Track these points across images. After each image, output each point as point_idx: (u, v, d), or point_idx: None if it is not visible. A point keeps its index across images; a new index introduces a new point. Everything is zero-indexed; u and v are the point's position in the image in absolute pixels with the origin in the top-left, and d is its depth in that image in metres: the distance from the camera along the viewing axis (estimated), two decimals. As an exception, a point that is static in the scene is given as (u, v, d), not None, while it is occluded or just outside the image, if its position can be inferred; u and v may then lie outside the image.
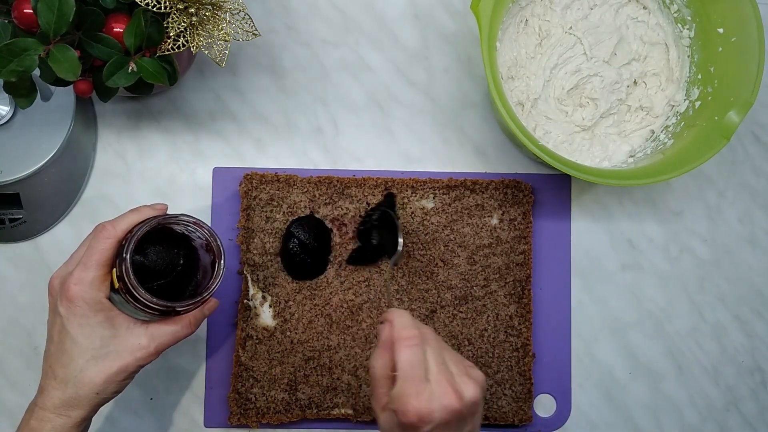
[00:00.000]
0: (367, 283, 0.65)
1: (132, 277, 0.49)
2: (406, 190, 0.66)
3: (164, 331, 0.52)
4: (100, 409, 0.52)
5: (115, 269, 0.50)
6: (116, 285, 0.50)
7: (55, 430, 0.49)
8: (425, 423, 0.44)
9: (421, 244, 0.65)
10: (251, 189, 0.65)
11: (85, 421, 0.51)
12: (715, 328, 0.69)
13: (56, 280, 0.51)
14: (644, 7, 0.67)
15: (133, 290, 0.49)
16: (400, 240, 0.61)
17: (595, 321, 0.68)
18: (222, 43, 0.55)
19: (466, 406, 0.45)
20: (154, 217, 0.52)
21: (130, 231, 0.51)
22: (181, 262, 0.54)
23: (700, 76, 0.64)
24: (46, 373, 0.50)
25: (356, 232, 0.65)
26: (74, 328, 0.49)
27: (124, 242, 0.50)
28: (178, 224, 0.52)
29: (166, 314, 0.52)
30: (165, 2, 0.51)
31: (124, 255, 0.49)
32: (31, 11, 0.49)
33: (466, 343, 0.65)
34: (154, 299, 0.49)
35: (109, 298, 0.51)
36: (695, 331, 0.68)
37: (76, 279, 0.49)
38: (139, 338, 0.51)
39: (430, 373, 0.45)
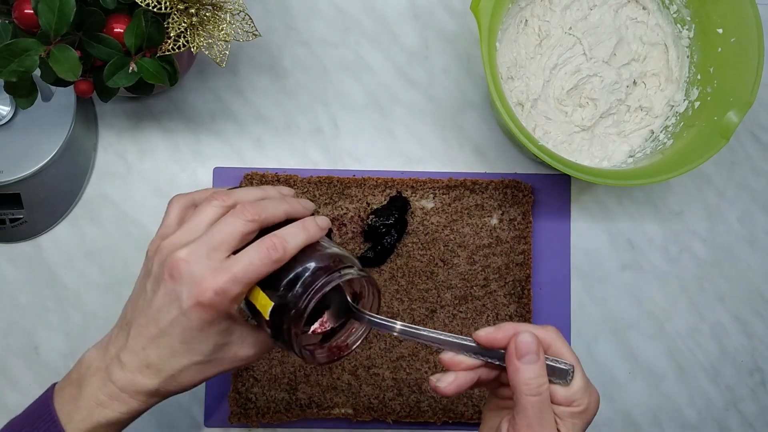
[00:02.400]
0: (367, 283, 0.65)
1: (299, 334, 0.43)
2: (406, 190, 0.66)
3: (267, 344, 0.48)
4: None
5: (271, 302, 0.43)
6: (265, 315, 0.43)
7: (129, 413, 0.45)
8: None
9: (421, 244, 0.65)
10: (251, 189, 0.65)
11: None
12: (714, 328, 0.69)
13: (185, 266, 0.43)
14: (644, 8, 0.67)
15: (289, 339, 0.43)
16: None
17: (595, 321, 0.68)
18: (222, 43, 0.55)
19: None
20: (337, 261, 0.44)
21: (297, 258, 0.44)
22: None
23: (699, 77, 0.64)
24: (136, 353, 0.44)
25: (366, 233, 0.65)
26: (192, 332, 0.44)
27: (291, 275, 0.43)
28: (355, 280, 0.45)
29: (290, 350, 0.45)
30: (165, 3, 0.51)
31: (300, 308, 0.42)
32: (32, 11, 0.49)
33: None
34: (303, 349, 0.44)
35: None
36: (695, 331, 0.68)
37: (220, 290, 0.42)
38: (247, 350, 0.47)
39: None
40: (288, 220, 0.46)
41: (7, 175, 0.62)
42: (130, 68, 0.52)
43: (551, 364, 0.41)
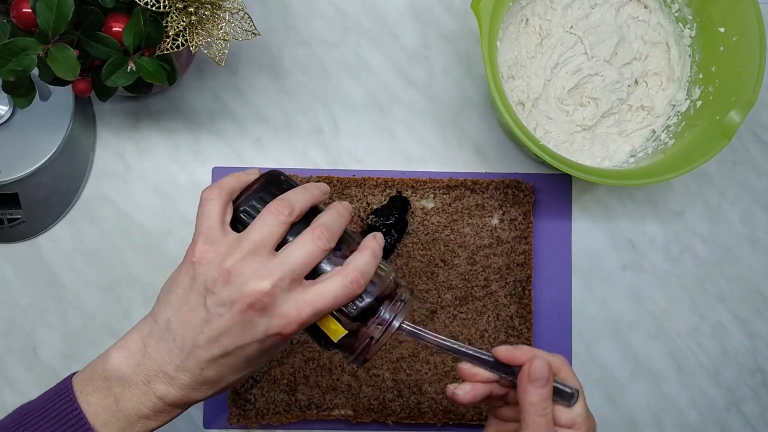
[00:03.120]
0: (367, 283, 0.65)
1: (373, 355, 0.46)
2: (407, 190, 0.66)
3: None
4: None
5: (344, 330, 0.44)
6: (334, 339, 0.45)
7: (166, 422, 0.45)
8: None
9: (422, 244, 0.65)
10: (251, 189, 0.65)
11: None
12: (715, 328, 0.68)
13: (266, 297, 0.42)
14: (645, 7, 0.67)
15: (361, 356, 0.46)
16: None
17: (596, 321, 0.68)
18: (221, 42, 0.54)
19: None
20: (395, 290, 0.47)
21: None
22: None
23: (701, 76, 0.64)
24: (188, 369, 0.43)
25: (365, 232, 0.65)
26: (261, 353, 0.44)
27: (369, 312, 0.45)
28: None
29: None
30: (164, 1, 0.51)
31: (378, 339, 0.45)
32: (30, 10, 0.49)
33: (467, 343, 0.64)
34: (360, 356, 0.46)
35: None
36: (696, 331, 0.68)
37: (304, 322, 0.43)
38: (284, 346, 0.48)
39: None
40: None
41: (5, 175, 0.62)
42: (129, 67, 0.52)
43: (559, 386, 0.45)
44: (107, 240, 0.66)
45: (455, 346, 0.47)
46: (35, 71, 0.50)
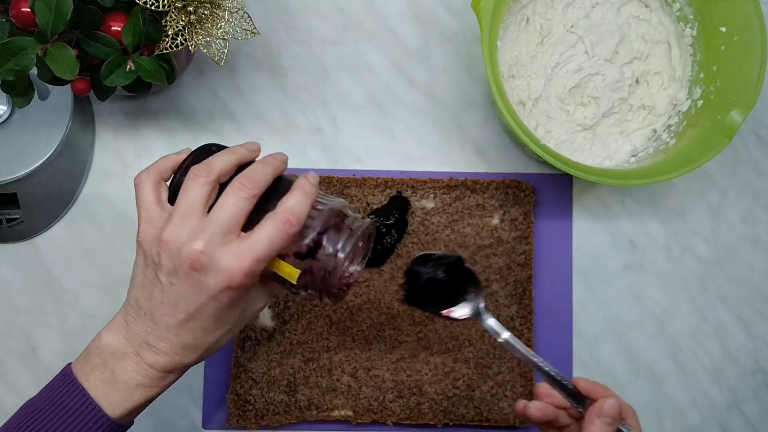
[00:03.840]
0: (367, 283, 0.64)
1: (345, 293, 0.48)
2: (407, 190, 0.65)
3: (273, 291, 0.50)
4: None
5: (297, 270, 0.46)
6: (292, 281, 0.46)
7: (162, 389, 0.47)
8: None
9: (422, 244, 0.65)
10: (250, 189, 0.64)
11: None
12: (717, 328, 0.68)
13: (204, 257, 0.44)
14: (646, 6, 0.67)
15: (324, 290, 0.47)
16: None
17: (597, 321, 0.68)
18: (220, 41, 0.54)
19: None
20: (342, 217, 0.48)
21: (309, 225, 0.46)
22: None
23: (702, 75, 0.64)
24: (165, 337, 0.46)
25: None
26: (223, 309, 0.45)
27: (319, 240, 0.46)
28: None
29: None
30: (163, 1, 0.50)
31: (348, 271, 0.47)
32: (29, 10, 0.49)
33: (467, 344, 0.64)
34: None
35: None
36: (697, 331, 0.68)
37: (249, 271, 0.44)
38: (260, 302, 0.49)
39: None
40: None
41: (3, 175, 0.62)
42: (128, 67, 0.52)
43: (621, 429, 0.47)
44: (106, 240, 0.66)
45: (540, 365, 0.49)
46: (34, 71, 0.50)
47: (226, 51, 0.55)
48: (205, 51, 0.54)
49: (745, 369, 0.68)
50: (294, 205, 0.45)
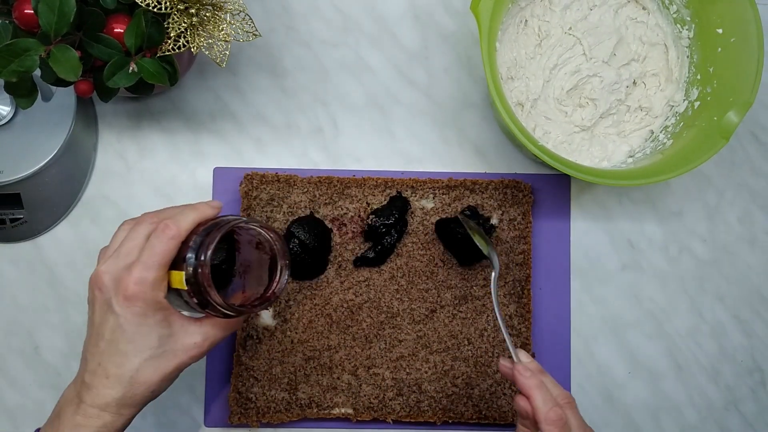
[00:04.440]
0: (367, 282, 0.65)
1: (210, 282, 0.48)
2: (406, 190, 0.66)
3: (217, 329, 0.52)
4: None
5: (182, 272, 0.49)
6: (183, 287, 0.48)
7: (105, 427, 0.48)
8: None
9: (421, 244, 0.65)
10: (251, 189, 0.65)
11: (133, 418, 0.51)
12: (714, 328, 0.69)
13: (106, 275, 0.49)
14: (643, 8, 0.67)
15: (207, 294, 0.48)
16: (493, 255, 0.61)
17: (595, 321, 0.68)
18: (222, 43, 0.55)
19: None
20: (223, 219, 0.50)
21: (195, 231, 0.50)
22: (234, 261, 0.54)
23: (699, 77, 0.64)
24: (95, 371, 0.49)
25: (366, 233, 0.65)
26: (132, 328, 0.48)
27: (191, 244, 0.49)
28: (249, 230, 0.52)
29: (226, 316, 0.51)
30: (166, 3, 0.51)
31: (203, 259, 0.48)
32: (32, 12, 0.49)
33: (466, 342, 0.65)
34: (227, 303, 0.49)
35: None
36: (695, 331, 0.68)
37: (137, 279, 0.48)
38: (194, 337, 0.50)
39: None
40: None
41: (7, 175, 0.62)
42: (131, 68, 0.52)
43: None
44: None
45: (504, 331, 0.55)
46: (37, 72, 0.50)
47: (227, 53, 0.55)
48: (206, 53, 0.55)
49: (742, 368, 0.68)
50: (176, 214, 0.50)
